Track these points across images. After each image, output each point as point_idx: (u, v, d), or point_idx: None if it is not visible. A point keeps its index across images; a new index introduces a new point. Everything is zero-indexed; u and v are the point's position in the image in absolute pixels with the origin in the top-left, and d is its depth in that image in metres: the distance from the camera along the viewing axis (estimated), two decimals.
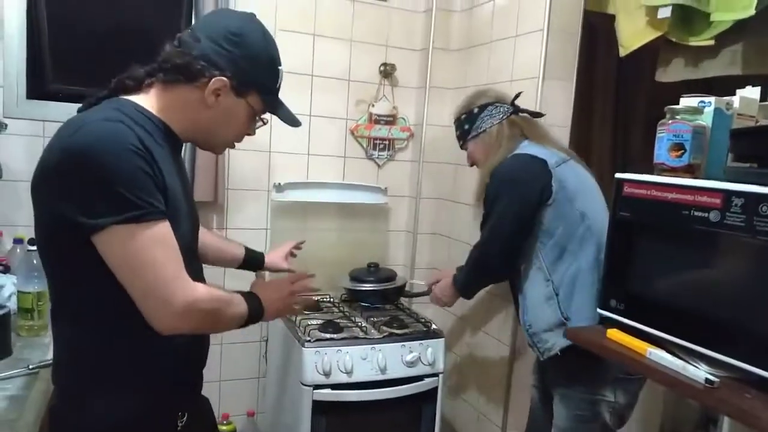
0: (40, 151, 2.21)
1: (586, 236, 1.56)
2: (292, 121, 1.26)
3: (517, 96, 1.77)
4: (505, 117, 1.73)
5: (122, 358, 1.06)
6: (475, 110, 1.76)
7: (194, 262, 1.20)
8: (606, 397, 1.57)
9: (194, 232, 1.23)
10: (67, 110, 2.17)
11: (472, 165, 1.84)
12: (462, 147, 1.84)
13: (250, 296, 1.19)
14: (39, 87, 2.18)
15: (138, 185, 0.96)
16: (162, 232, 1.00)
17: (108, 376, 1.06)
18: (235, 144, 1.25)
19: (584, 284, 1.54)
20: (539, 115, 1.81)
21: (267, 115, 1.26)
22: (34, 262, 1.64)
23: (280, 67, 1.19)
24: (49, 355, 1.49)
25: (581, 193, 1.61)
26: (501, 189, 1.63)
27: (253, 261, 1.68)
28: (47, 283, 1.10)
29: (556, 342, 1.56)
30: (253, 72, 1.13)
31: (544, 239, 1.60)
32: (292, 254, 1.84)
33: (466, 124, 1.78)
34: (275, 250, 1.79)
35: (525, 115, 1.77)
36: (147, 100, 1.10)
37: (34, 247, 1.65)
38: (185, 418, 1.17)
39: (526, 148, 1.68)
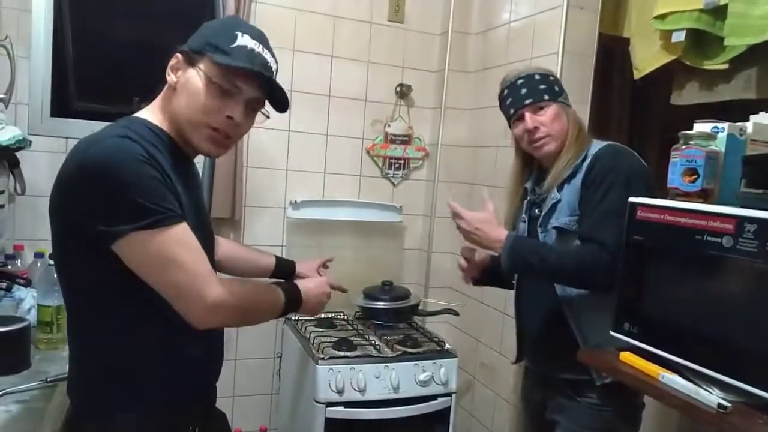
0: None
1: None
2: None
3: None
4: None
5: (133, 373, 1.08)
6: (561, 83, 1.59)
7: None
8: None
9: (207, 244, 1.19)
10: (90, 128, 2.20)
11: (534, 129, 1.51)
12: (536, 102, 1.52)
13: (288, 284, 1.25)
14: (63, 105, 2.25)
15: (152, 192, 0.98)
16: (182, 232, 1.01)
17: (118, 391, 1.08)
18: (215, 136, 1.11)
19: None
20: None
21: (274, 116, 1.21)
22: (55, 276, 1.66)
23: (238, 32, 1.10)
24: (67, 369, 1.53)
25: None
26: (632, 179, 1.38)
27: (284, 270, 1.62)
28: (63, 298, 1.13)
29: None
30: (201, 37, 1.11)
31: None
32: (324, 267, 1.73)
33: (557, 86, 1.56)
34: (306, 262, 1.69)
35: None
36: (154, 115, 1.13)
37: None
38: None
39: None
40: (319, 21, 2.48)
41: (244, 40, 1.10)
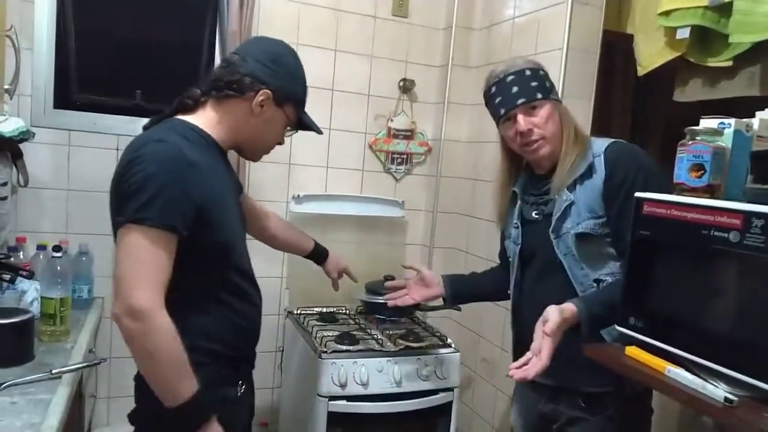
0: (66, 159, 2.31)
1: None
2: (317, 128, 1.50)
3: None
4: None
5: (196, 335, 1.23)
6: (550, 78, 1.49)
7: (243, 249, 1.40)
8: None
9: (242, 226, 1.45)
10: (92, 120, 2.26)
11: (528, 131, 1.43)
12: (529, 101, 1.42)
13: (210, 404, 1.19)
14: (66, 97, 2.25)
15: (169, 202, 1.13)
16: (162, 244, 1.13)
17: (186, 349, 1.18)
18: (270, 151, 1.47)
19: None
20: None
21: None
22: (58, 268, 1.68)
23: (308, 86, 1.44)
24: (71, 361, 1.54)
25: None
26: (658, 180, 1.28)
27: (318, 255, 1.93)
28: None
29: None
30: (291, 87, 1.38)
31: None
32: (341, 273, 1.99)
33: (548, 82, 1.46)
34: (338, 257, 1.97)
35: None
36: (200, 118, 1.32)
37: (59, 254, 1.70)
38: (243, 388, 1.38)
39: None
40: (323, 15, 2.47)
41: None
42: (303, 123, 1.45)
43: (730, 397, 0.96)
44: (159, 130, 1.24)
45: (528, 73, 1.44)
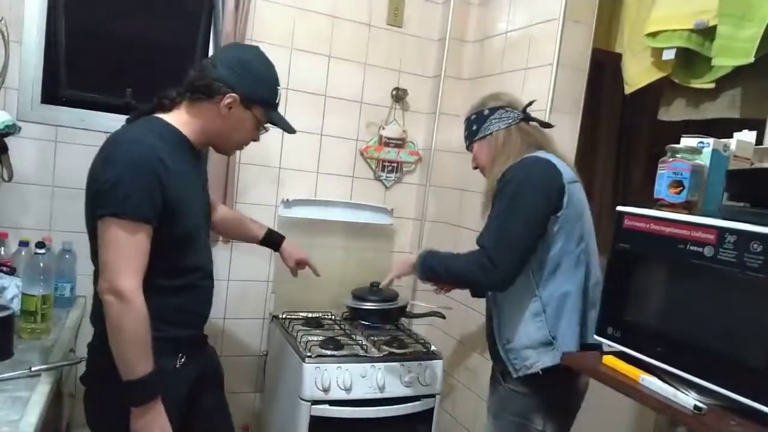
0: (52, 155, 2.30)
1: (581, 259, 1.54)
2: (289, 128, 1.57)
3: (530, 104, 1.71)
4: (513, 123, 1.66)
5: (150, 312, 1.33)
6: (486, 111, 1.69)
7: (204, 243, 1.55)
8: (535, 424, 1.57)
9: (206, 221, 1.58)
10: (80, 116, 2.24)
11: (475, 168, 1.77)
12: (468, 148, 1.77)
13: (158, 385, 1.33)
14: (53, 92, 2.21)
15: (142, 195, 1.27)
16: (140, 234, 1.29)
17: None
18: (243, 147, 1.60)
19: (572, 307, 1.53)
20: (549, 125, 1.74)
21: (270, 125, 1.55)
22: (41, 265, 1.65)
23: (278, 87, 1.52)
24: (51, 359, 1.53)
25: (584, 215, 1.58)
26: (519, 189, 1.51)
27: (271, 240, 1.96)
28: (90, 249, 1.40)
29: (538, 360, 1.53)
30: (257, 90, 1.46)
31: (540, 252, 1.53)
32: (302, 264, 2.00)
33: (474, 124, 1.71)
34: (297, 248, 1.99)
35: (535, 124, 1.70)
36: (175, 117, 1.44)
37: (42, 250, 1.68)
38: (184, 359, 1.46)
39: (541, 155, 1.60)
40: (319, 21, 2.50)
41: (280, 93, 1.53)
42: (274, 123, 1.54)
43: (699, 405, 1.00)
44: (136, 129, 1.38)
45: (465, 123, 1.75)
